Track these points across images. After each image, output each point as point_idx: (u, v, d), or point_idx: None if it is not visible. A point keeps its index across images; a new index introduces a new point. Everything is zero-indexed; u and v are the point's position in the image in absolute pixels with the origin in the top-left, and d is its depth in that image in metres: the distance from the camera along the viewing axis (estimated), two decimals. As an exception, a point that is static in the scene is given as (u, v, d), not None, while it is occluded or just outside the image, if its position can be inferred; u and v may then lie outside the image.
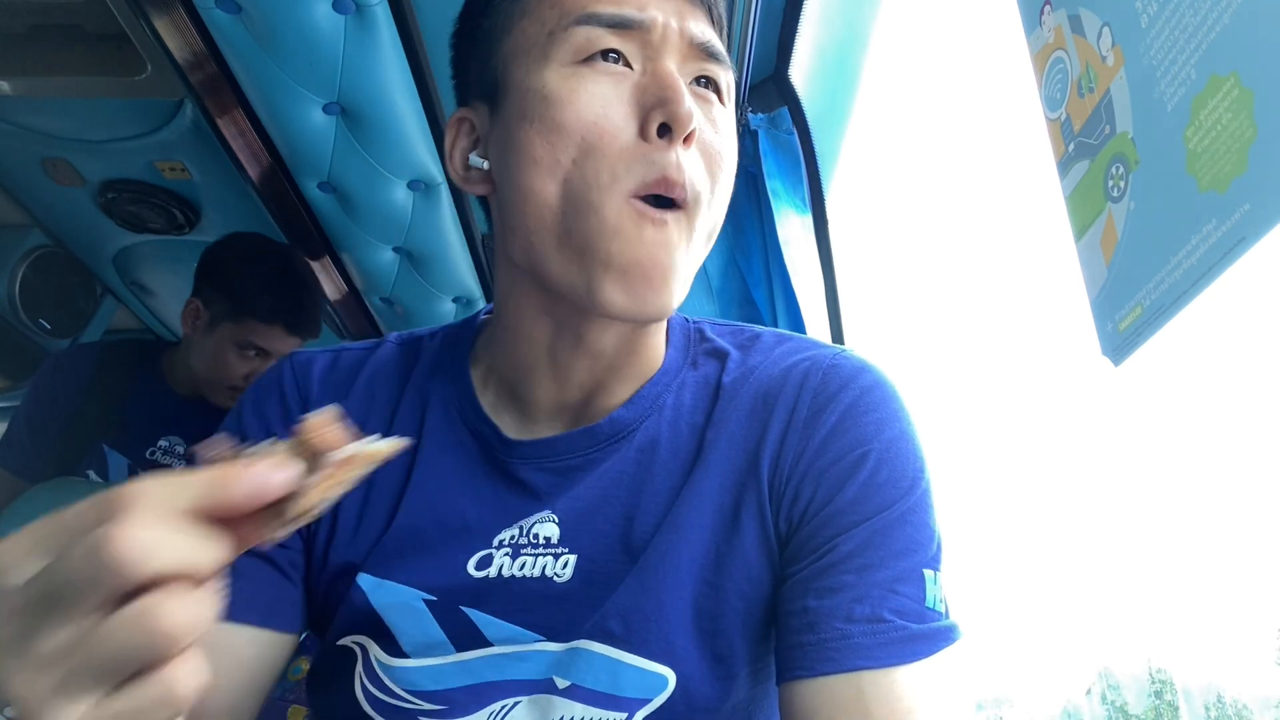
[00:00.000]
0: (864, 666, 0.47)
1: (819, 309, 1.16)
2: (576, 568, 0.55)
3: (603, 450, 0.57)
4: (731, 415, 0.57)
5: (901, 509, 0.52)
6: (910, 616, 0.49)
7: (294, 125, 1.15)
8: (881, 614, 0.49)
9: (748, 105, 1.18)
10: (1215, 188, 0.42)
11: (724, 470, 0.55)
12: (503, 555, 0.55)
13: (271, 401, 0.60)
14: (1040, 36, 0.60)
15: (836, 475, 0.52)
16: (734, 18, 1.02)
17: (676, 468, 0.56)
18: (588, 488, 0.56)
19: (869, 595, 0.49)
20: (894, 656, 0.48)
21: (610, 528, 0.55)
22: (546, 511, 0.56)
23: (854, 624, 0.48)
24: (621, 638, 0.53)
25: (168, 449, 1.34)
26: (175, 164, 1.38)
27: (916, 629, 0.49)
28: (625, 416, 0.57)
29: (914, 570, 0.50)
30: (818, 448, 0.54)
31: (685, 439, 0.57)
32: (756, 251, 1.17)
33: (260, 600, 0.56)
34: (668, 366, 0.59)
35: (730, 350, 0.60)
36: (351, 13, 1.01)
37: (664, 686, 0.52)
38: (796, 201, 1.17)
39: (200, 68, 1.08)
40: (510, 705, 0.55)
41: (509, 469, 0.57)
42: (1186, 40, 0.44)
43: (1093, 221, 0.54)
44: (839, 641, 0.48)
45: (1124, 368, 0.53)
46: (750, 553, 0.53)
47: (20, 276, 1.59)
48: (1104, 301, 0.54)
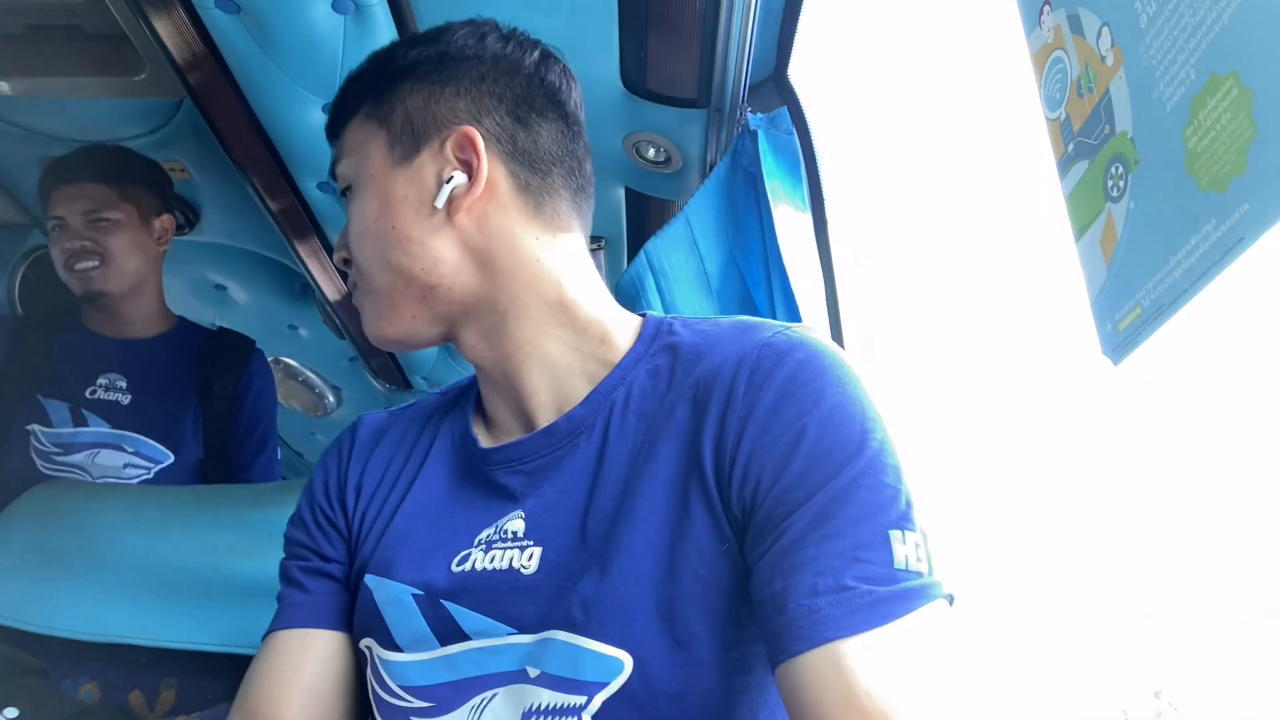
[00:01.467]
0: (836, 637, 0.47)
1: (819, 309, 1.16)
2: (541, 559, 0.58)
3: (565, 448, 0.61)
4: (676, 403, 0.58)
5: (851, 474, 0.51)
6: (878, 580, 0.48)
7: (293, 125, 1.15)
8: (845, 582, 0.48)
9: (747, 105, 1.17)
10: (1214, 188, 0.42)
11: (670, 455, 0.57)
12: (478, 551, 0.61)
13: (330, 460, 0.73)
14: (1040, 36, 0.60)
15: (780, 452, 0.52)
16: (733, 18, 1.02)
17: (625, 456, 0.58)
18: (552, 485, 0.60)
19: (830, 566, 0.49)
20: (865, 622, 0.47)
21: (570, 519, 0.58)
22: (518, 510, 0.61)
23: (819, 597, 0.48)
24: (582, 624, 0.54)
25: (109, 385, 1.39)
26: (174, 164, 1.38)
27: (885, 591, 0.48)
28: (581, 414, 0.61)
29: (877, 533, 0.50)
30: (759, 428, 0.54)
31: (633, 429, 0.59)
32: (756, 251, 1.17)
33: (328, 607, 0.67)
34: (625, 363, 0.62)
35: (684, 342, 0.62)
36: (350, 12, 1.01)
37: (620, 670, 0.53)
38: (796, 201, 1.17)
39: (199, 68, 1.08)
40: (489, 698, 0.57)
41: (489, 476, 0.64)
42: (1186, 40, 0.44)
43: (1092, 221, 0.54)
44: (806, 617, 0.48)
45: (1123, 367, 0.53)
46: (701, 537, 0.54)
47: (20, 277, 1.59)
48: (1103, 301, 0.54)
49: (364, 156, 0.65)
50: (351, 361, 1.98)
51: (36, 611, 1.26)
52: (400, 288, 0.63)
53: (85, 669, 1.27)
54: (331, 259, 1.50)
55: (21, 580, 1.29)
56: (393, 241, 0.62)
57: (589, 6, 1.02)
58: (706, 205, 1.21)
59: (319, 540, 0.70)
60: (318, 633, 0.66)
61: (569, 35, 1.02)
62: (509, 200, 0.63)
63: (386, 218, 0.63)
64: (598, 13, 1.03)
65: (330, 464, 0.73)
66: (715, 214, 1.21)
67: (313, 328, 1.89)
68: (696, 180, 1.25)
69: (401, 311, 0.64)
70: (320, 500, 0.71)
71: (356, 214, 0.65)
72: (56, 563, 1.29)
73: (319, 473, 0.74)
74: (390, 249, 0.62)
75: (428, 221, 0.62)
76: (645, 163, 1.26)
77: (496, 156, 0.63)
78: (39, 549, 1.31)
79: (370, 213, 0.63)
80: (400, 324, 0.64)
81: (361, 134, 0.65)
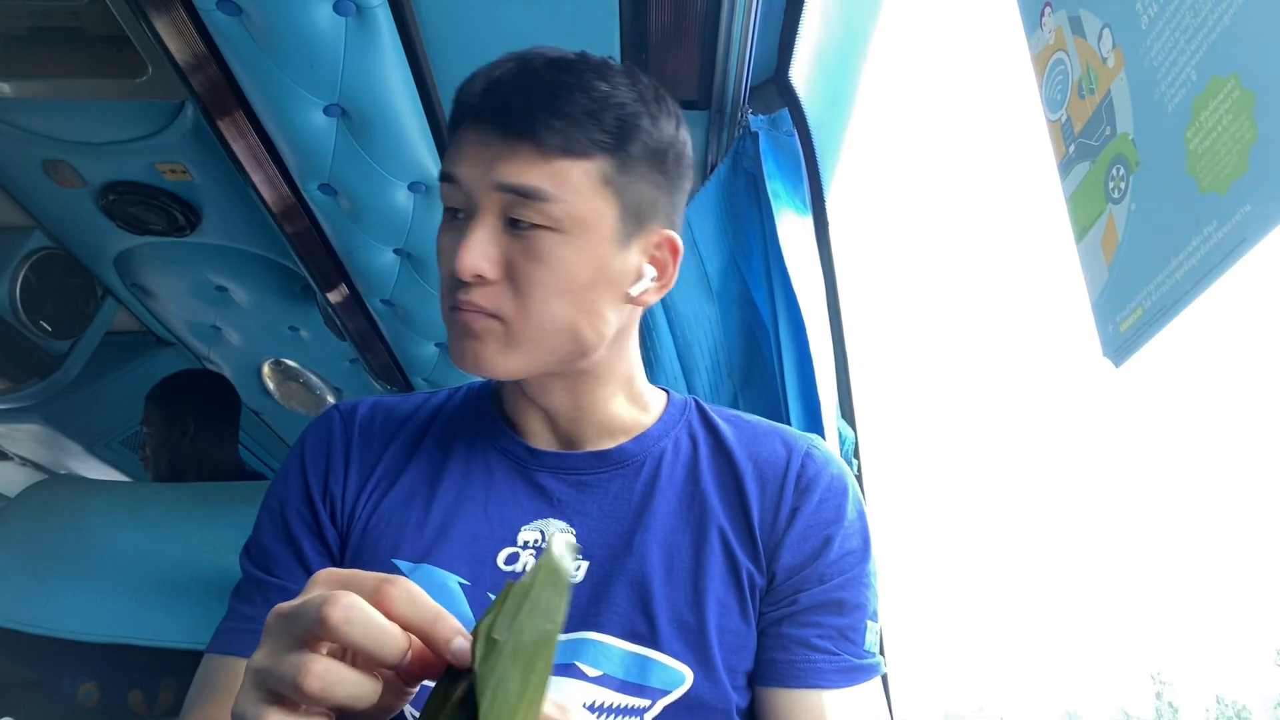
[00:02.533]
0: (824, 686, 0.64)
1: (819, 310, 1.16)
2: (588, 572, 0.65)
3: (610, 473, 0.69)
4: (725, 467, 0.70)
5: (852, 576, 0.68)
6: (855, 655, 0.66)
7: (295, 127, 1.15)
8: (835, 649, 0.66)
9: (748, 107, 1.18)
10: (1216, 189, 0.42)
11: (713, 510, 0.68)
12: (528, 555, 0.66)
13: (323, 440, 0.72)
14: (1041, 38, 0.60)
15: (809, 548, 0.67)
16: (734, 20, 1.03)
17: (674, 498, 0.69)
18: (598, 504, 0.68)
19: (829, 635, 0.66)
20: (845, 681, 0.65)
21: (617, 540, 0.66)
22: (563, 522, 0.67)
23: (817, 653, 0.65)
24: (647, 637, 0.63)
25: None
26: (176, 166, 1.38)
27: (858, 662, 0.66)
28: (631, 449, 0.70)
29: (860, 621, 0.68)
30: (803, 525, 0.68)
31: (682, 479, 0.70)
32: (757, 253, 1.17)
33: None
34: (665, 421, 0.73)
35: (721, 423, 0.74)
36: (352, 14, 1.01)
37: (682, 681, 0.63)
38: (797, 203, 1.17)
39: (201, 70, 1.08)
40: None
41: (532, 476, 0.69)
42: (1187, 42, 0.44)
43: (1094, 223, 0.54)
44: (805, 664, 0.65)
45: (1125, 368, 0.53)
46: (717, 580, 0.66)
47: (21, 278, 1.59)
48: (1105, 303, 0.54)
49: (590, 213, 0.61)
50: (352, 363, 1.98)
51: (35, 613, 1.26)
52: (560, 346, 0.64)
53: (84, 669, 1.27)
54: (335, 260, 1.50)
55: (19, 581, 1.28)
56: (586, 310, 0.63)
57: (591, 9, 1.02)
58: (707, 207, 1.21)
59: (310, 558, 0.67)
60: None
61: (570, 37, 1.02)
62: None
63: (595, 289, 0.63)
64: (599, 16, 1.03)
65: (323, 454, 0.71)
66: (716, 215, 1.21)
67: (313, 329, 1.89)
68: (697, 182, 1.25)
69: (535, 359, 0.64)
70: (300, 503, 0.69)
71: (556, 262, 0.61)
72: (54, 563, 1.29)
73: (311, 463, 0.71)
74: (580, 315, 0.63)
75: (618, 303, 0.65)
76: (646, 164, 1.26)
77: None
78: (36, 549, 1.31)
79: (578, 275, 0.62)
80: (521, 365, 0.63)
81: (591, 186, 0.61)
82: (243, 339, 1.97)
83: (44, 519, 1.34)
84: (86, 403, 1.92)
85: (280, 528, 0.69)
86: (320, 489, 0.69)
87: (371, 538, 0.67)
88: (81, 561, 1.29)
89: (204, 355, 2.03)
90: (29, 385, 1.71)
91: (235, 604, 0.68)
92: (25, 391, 1.72)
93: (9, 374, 1.69)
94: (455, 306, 0.63)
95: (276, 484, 0.72)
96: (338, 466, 0.70)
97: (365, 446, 0.71)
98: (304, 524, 0.69)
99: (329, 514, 0.69)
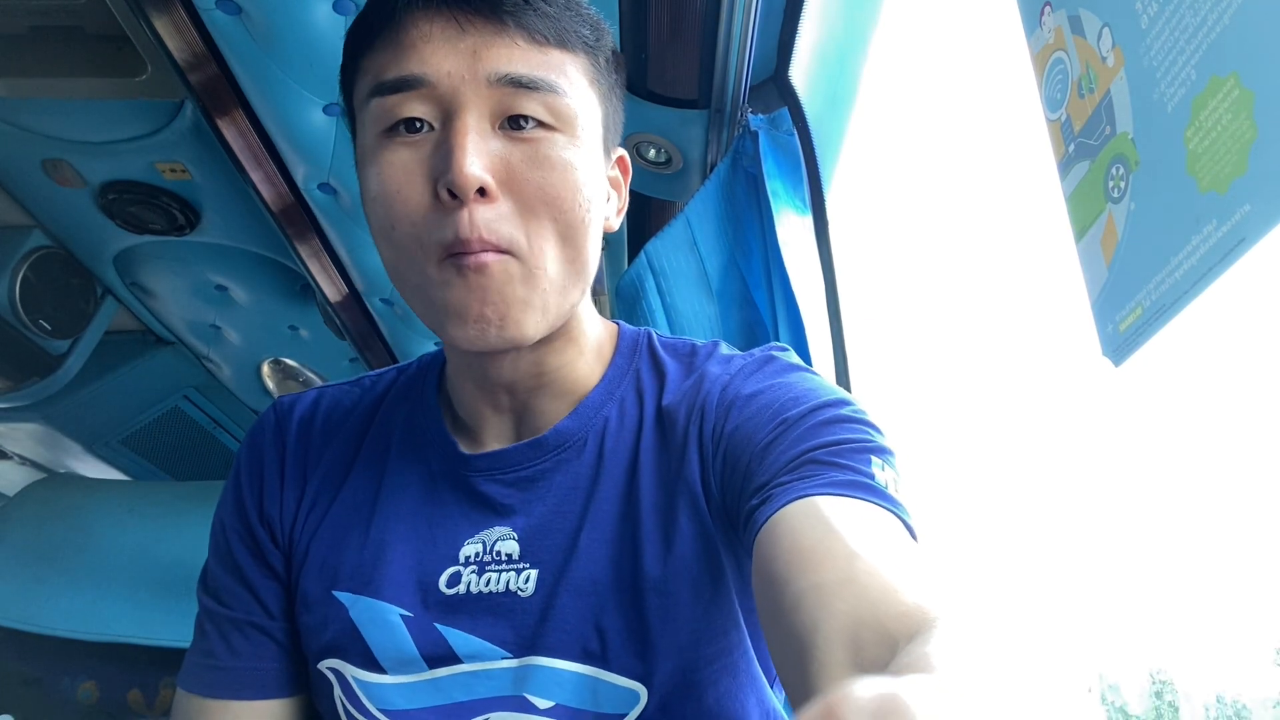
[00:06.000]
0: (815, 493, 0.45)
1: (819, 310, 1.16)
2: (538, 581, 0.56)
3: (551, 461, 0.59)
4: (669, 430, 0.58)
5: (831, 414, 0.51)
6: (859, 475, 0.47)
7: (294, 126, 1.15)
8: (822, 458, 0.48)
9: (748, 106, 1.17)
10: (1215, 188, 0.42)
11: (659, 479, 0.57)
12: (470, 573, 0.57)
13: (256, 452, 0.65)
14: (1040, 37, 0.60)
15: (754, 425, 0.52)
16: (734, 19, 1.02)
17: (620, 478, 0.57)
18: (542, 501, 0.58)
19: (810, 449, 0.48)
20: (842, 490, 0.45)
21: (565, 540, 0.57)
22: (507, 528, 0.58)
23: (799, 471, 0.47)
24: (599, 656, 0.54)
25: None
26: (176, 165, 1.38)
27: (865, 482, 0.47)
28: (569, 427, 0.59)
29: (858, 451, 0.48)
30: (736, 422, 0.54)
31: (626, 456, 0.58)
32: (756, 252, 1.17)
33: (275, 674, 0.61)
34: (609, 378, 0.61)
35: (670, 368, 0.61)
36: (352, 13, 1.01)
37: (637, 702, 0.54)
38: (797, 202, 1.17)
39: (200, 69, 1.08)
40: None
41: (469, 483, 0.59)
42: (1187, 41, 0.44)
43: (1093, 222, 0.54)
44: (782, 486, 0.47)
45: (1124, 368, 0.53)
46: (688, 552, 0.55)
47: (21, 277, 1.59)
48: (1104, 302, 0.54)
49: (587, 114, 0.52)
50: (352, 362, 1.98)
51: (35, 613, 1.26)
52: (572, 285, 0.52)
53: (84, 667, 1.27)
54: (335, 259, 1.50)
55: (19, 581, 1.29)
56: (593, 234, 0.52)
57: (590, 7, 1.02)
58: (707, 206, 1.21)
59: (257, 585, 0.62)
60: (263, 705, 0.60)
61: (570, 36, 1.02)
62: None
63: (597, 207, 0.52)
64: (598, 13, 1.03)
65: (257, 459, 0.64)
66: (716, 215, 1.21)
67: (313, 328, 1.89)
68: (697, 181, 1.25)
69: (554, 308, 0.52)
70: (239, 526, 0.63)
71: (568, 168, 0.50)
72: (54, 562, 1.29)
73: (245, 469, 0.65)
74: (589, 240, 0.52)
75: (600, 228, 0.54)
76: (646, 163, 1.26)
77: None
78: (36, 549, 1.31)
79: (587, 186, 0.51)
80: (548, 320, 0.52)
81: (584, 83, 0.53)
82: (242, 338, 1.97)
83: (44, 518, 1.34)
84: (86, 402, 1.92)
85: (225, 552, 0.64)
86: (257, 511, 0.63)
87: (314, 565, 0.61)
88: (81, 561, 1.29)
89: (204, 354, 2.03)
90: (29, 384, 1.71)
91: (196, 635, 0.63)
92: (25, 391, 1.72)
93: (9, 373, 1.69)
94: (458, 251, 0.48)
95: (220, 502, 0.65)
96: (272, 484, 0.63)
97: (301, 456, 0.64)
98: (246, 549, 0.63)
99: (269, 537, 0.63)
